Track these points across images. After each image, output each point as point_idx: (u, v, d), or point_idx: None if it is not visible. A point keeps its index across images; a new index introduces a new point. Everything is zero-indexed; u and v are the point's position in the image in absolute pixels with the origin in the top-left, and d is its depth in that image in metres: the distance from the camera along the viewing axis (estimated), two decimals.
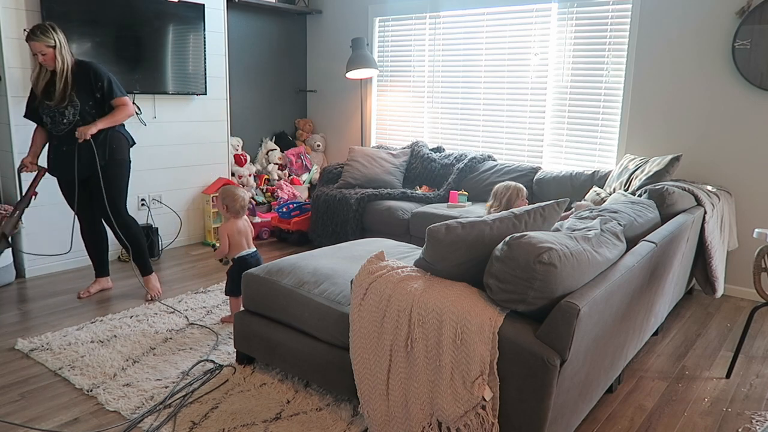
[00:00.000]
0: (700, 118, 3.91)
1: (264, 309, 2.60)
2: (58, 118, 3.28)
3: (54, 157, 3.41)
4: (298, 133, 6.00)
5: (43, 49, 3.17)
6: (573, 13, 4.36)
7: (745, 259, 3.84)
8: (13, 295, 3.61)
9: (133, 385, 2.57)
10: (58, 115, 3.28)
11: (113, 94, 3.35)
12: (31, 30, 3.17)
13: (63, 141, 3.34)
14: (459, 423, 1.91)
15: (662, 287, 2.72)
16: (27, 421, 2.30)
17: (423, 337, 1.96)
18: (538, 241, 1.83)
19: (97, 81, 3.31)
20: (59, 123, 3.29)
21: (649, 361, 2.95)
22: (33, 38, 3.15)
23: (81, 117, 3.29)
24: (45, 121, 3.33)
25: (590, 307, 1.83)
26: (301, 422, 2.31)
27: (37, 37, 3.15)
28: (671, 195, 3.01)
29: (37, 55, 3.19)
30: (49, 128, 3.34)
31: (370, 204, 4.46)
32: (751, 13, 3.59)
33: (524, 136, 4.74)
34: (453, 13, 4.97)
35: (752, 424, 2.41)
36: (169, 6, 4.33)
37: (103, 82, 3.32)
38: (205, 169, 4.84)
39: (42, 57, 3.19)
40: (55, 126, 3.31)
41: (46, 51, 3.18)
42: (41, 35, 3.16)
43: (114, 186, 3.44)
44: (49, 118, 3.30)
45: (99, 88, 3.31)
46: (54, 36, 3.19)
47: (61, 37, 3.21)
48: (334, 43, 5.72)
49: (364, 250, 2.91)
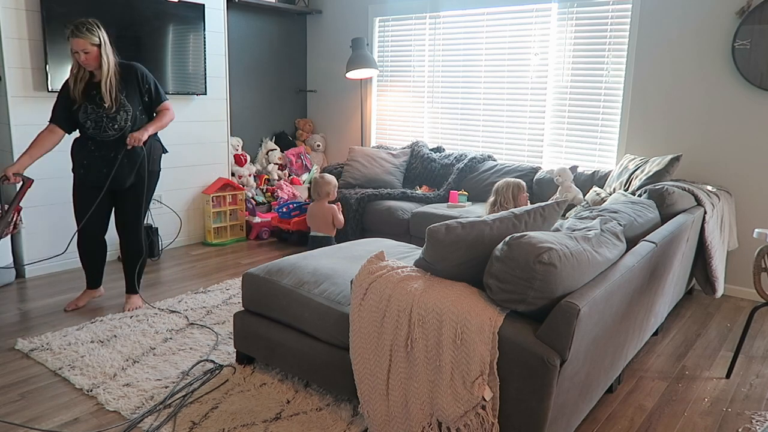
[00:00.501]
0: (700, 118, 3.91)
1: (264, 309, 2.60)
2: (107, 124, 3.08)
3: (89, 163, 3.16)
4: (298, 133, 6.00)
5: (87, 47, 2.95)
6: (573, 13, 4.36)
7: (745, 259, 3.84)
8: (13, 295, 3.61)
9: (133, 385, 2.57)
10: (107, 120, 3.08)
11: (161, 98, 3.24)
12: (75, 26, 2.94)
13: (107, 147, 3.13)
14: (459, 423, 1.91)
15: (662, 287, 2.72)
16: (27, 421, 2.29)
17: (423, 337, 1.96)
18: (538, 241, 1.83)
19: (145, 83, 3.17)
20: (108, 129, 3.09)
21: (649, 361, 2.95)
22: (78, 35, 2.92)
23: (132, 122, 3.14)
24: (87, 126, 3.10)
25: (590, 307, 1.83)
26: (301, 422, 2.31)
27: (83, 34, 2.93)
28: (671, 195, 3.01)
29: (78, 53, 2.95)
30: (91, 134, 3.12)
31: (370, 204, 4.46)
32: (751, 13, 3.59)
33: (524, 136, 4.74)
34: (453, 13, 4.97)
35: (752, 424, 2.41)
36: (169, 6, 4.34)
37: (150, 84, 3.19)
38: (205, 169, 4.84)
39: (84, 56, 2.96)
40: (100, 132, 3.10)
41: (90, 49, 2.96)
42: (87, 32, 2.94)
43: (148, 197, 3.35)
44: (94, 123, 3.09)
45: (147, 91, 3.18)
46: (99, 33, 2.99)
47: (104, 36, 3.02)
48: (334, 43, 5.73)
49: (364, 250, 2.91)
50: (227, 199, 4.87)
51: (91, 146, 3.15)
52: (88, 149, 3.16)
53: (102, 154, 3.15)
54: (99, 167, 3.16)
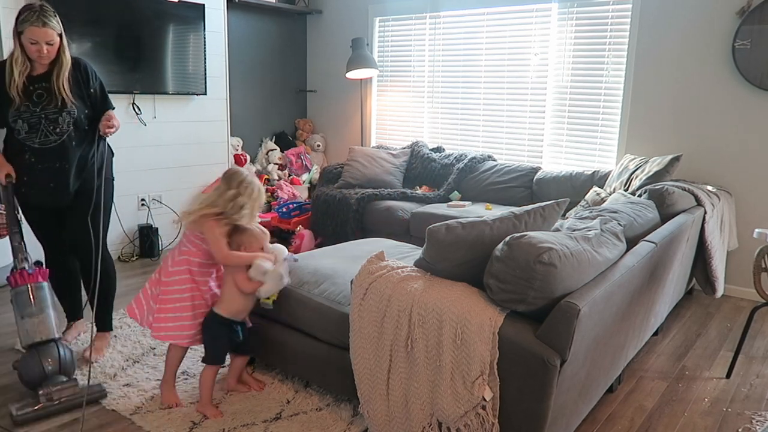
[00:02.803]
0: (700, 118, 3.91)
1: (264, 309, 2.60)
2: (46, 128, 2.56)
3: (31, 178, 2.62)
4: (298, 133, 6.00)
5: (53, 37, 2.47)
6: (573, 13, 4.36)
7: (745, 259, 3.84)
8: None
9: (133, 385, 2.57)
10: (45, 123, 2.56)
11: (107, 104, 2.76)
12: (39, 12, 2.44)
13: (50, 156, 2.60)
14: (459, 423, 1.91)
15: (662, 287, 2.72)
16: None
17: (423, 337, 1.96)
18: (538, 241, 1.83)
19: (93, 84, 2.69)
20: (48, 133, 2.57)
21: (649, 361, 2.95)
22: (45, 23, 2.43)
23: (75, 127, 2.62)
24: (18, 128, 2.55)
25: (590, 307, 1.83)
26: (301, 422, 2.31)
27: (50, 22, 2.45)
28: (671, 195, 3.01)
29: (39, 45, 2.45)
30: (23, 139, 2.56)
31: (370, 204, 4.46)
32: (751, 13, 3.59)
33: (524, 136, 4.74)
34: (453, 13, 4.97)
35: (752, 424, 2.41)
36: (169, 6, 4.33)
37: (97, 86, 2.72)
38: (205, 169, 4.84)
39: (47, 48, 2.47)
40: (39, 136, 2.57)
41: (55, 41, 2.49)
42: (52, 20, 2.46)
43: (108, 207, 2.82)
44: (27, 125, 2.55)
45: (92, 93, 2.69)
46: (59, 21, 2.52)
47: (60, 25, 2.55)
48: (334, 43, 5.72)
49: (364, 250, 2.91)
50: None
51: (29, 158, 2.60)
52: (25, 162, 2.61)
53: (45, 166, 2.61)
54: (44, 181, 2.63)
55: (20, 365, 2.40)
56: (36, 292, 2.46)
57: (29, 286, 2.46)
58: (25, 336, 2.41)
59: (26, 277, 2.47)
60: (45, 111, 2.56)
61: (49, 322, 2.45)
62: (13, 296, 2.47)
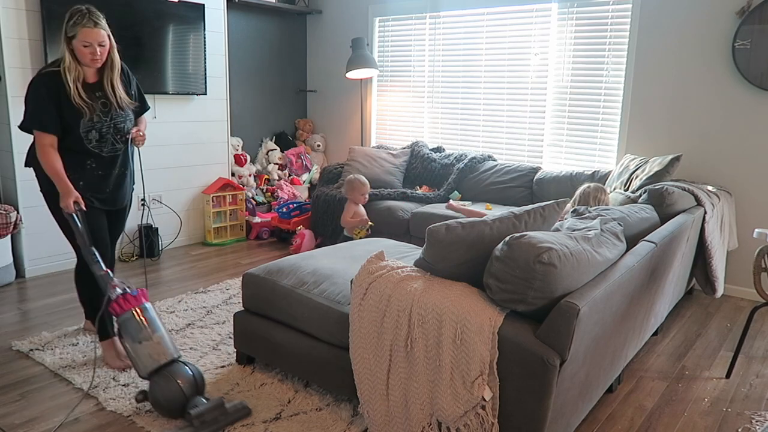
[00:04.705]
0: (701, 118, 3.91)
1: (264, 309, 2.60)
2: (113, 136, 2.55)
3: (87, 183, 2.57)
4: (298, 133, 6.00)
5: (105, 38, 2.41)
6: (573, 13, 4.36)
7: (745, 259, 3.84)
8: (13, 295, 3.61)
9: (133, 385, 2.57)
10: (114, 131, 2.54)
11: (146, 106, 2.74)
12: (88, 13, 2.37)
13: (111, 163, 2.59)
14: (459, 423, 1.91)
15: (662, 287, 2.72)
16: (27, 421, 2.30)
17: (423, 337, 1.96)
18: (538, 241, 1.83)
19: (133, 86, 2.67)
20: (114, 141, 2.56)
21: (649, 361, 2.95)
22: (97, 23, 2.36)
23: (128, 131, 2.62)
24: (91, 138, 2.50)
25: (590, 307, 1.83)
26: (301, 422, 2.31)
27: (99, 22, 2.38)
28: (671, 195, 3.01)
29: (92, 47, 2.37)
30: (93, 147, 2.52)
31: (370, 204, 4.46)
32: (751, 13, 3.59)
33: (524, 136, 4.74)
34: (453, 13, 4.97)
35: (752, 424, 2.41)
36: (169, 6, 4.34)
37: (135, 84, 2.68)
38: (205, 169, 4.84)
39: (100, 50, 2.41)
40: (107, 145, 2.55)
41: (107, 42, 2.44)
42: (101, 20, 2.39)
43: None
44: (99, 134, 2.51)
45: (133, 94, 2.66)
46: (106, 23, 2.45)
47: None
48: (334, 43, 5.73)
49: (364, 250, 2.91)
50: (227, 199, 4.87)
51: (91, 164, 2.57)
52: (86, 167, 2.56)
53: (105, 172, 2.61)
54: (101, 188, 2.62)
55: (157, 393, 2.20)
56: (144, 314, 2.29)
57: (134, 310, 2.28)
58: (149, 360, 2.23)
59: (131, 300, 2.30)
60: (114, 120, 2.55)
61: (166, 342, 2.28)
62: (121, 324, 2.29)
